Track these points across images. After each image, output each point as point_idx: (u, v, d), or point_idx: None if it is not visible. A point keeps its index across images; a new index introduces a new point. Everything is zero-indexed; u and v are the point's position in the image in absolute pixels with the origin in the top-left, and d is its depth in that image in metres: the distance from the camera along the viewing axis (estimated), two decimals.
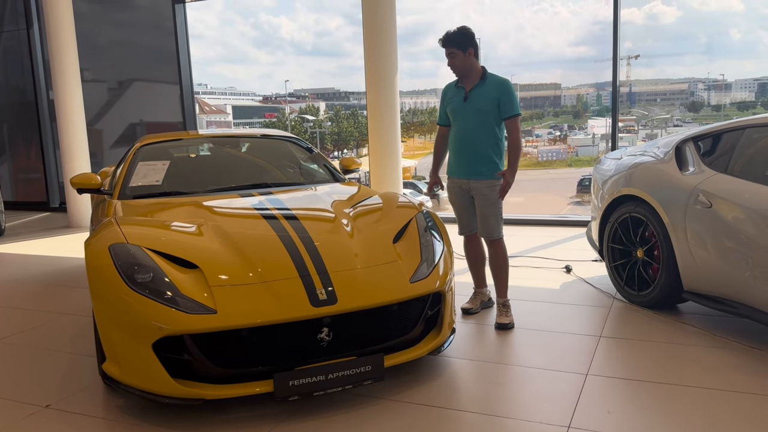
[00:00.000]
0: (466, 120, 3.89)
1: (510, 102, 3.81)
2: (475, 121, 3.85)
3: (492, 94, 3.81)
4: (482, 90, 3.85)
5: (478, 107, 3.84)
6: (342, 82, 59.73)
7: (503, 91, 3.81)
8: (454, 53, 3.84)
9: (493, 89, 3.82)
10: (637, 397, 2.89)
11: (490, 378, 3.17)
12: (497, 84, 3.84)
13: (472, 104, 3.86)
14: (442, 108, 4.10)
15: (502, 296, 3.97)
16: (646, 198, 3.98)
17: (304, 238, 3.10)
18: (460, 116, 3.92)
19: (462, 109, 3.91)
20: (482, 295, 4.22)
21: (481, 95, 3.84)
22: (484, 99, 3.82)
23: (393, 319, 2.98)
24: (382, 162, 7.05)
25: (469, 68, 3.86)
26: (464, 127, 3.91)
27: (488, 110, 3.82)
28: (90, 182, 4.19)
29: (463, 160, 3.94)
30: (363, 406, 2.87)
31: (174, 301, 2.68)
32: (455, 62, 3.85)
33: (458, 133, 3.95)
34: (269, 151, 4.94)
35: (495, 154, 3.87)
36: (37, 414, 2.93)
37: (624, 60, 18.81)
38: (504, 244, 3.97)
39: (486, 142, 3.85)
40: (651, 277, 4.04)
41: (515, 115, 3.83)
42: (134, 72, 9.93)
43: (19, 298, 4.94)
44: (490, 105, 3.81)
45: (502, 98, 3.80)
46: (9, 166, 10.71)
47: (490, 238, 3.93)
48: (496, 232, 3.91)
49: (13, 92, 10.51)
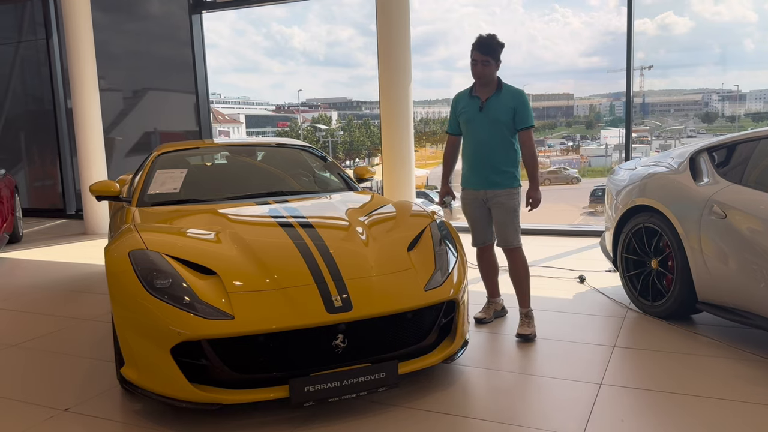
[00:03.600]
0: (482, 130, 3.87)
1: (526, 112, 3.81)
2: (491, 132, 3.83)
3: (508, 104, 3.80)
4: (498, 100, 3.83)
5: (494, 117, 3.82)
6: (354, 92, 59.94)
7: (520, 101, 3.81)
8: (490, 63, 3.79)
9: (510, 99, 3.81)
10: (650, 407, 2.89)
11: (504, 387, 3.18)
12: (513, 94, 3.83)
13: (488, 114, 3.84)
14: (452, 117, 4.08)
15: (524, 306, 3.91)
16: (661, 208, 3.98)
17: (320, 246, 3.14)
18: (474, 126, 3.90)
19: (477, 119, 3.88)
20: (495, 305, 4.21)
21: (498, 105, 3.82)
22: (501, 109, 3.81)
23: (407, 326, 3.01)
24: (395, 171, 7.09)
25: (492, 78, 3.84)
26: (479, 137, 3.88)
27: (504, 120, 3.81)
28: (109, 189, 4.26)
29: (479, 170, 3.91)
30: (377, 413, 2.89)
31: (192, 306, 2.73)
32: (486, 71, 3.80)
33: (473, 143, 3.93)
34: (284, 160, 4.99)
35: (511, 164, 3.86)
36: (56, 417, 2.97)
37: (637, 70, 18.81)
38: (523, 253, 3.94)
39: (502, 153, 3.84)
40: (665, 288, 4.03)
41: (529, 127, 3.83)
42: (149, 81, 10.06)
43: (37, 304, 5.01)
44: (506, 115, 3.80)
45: (518, 108, 3.79)
46: (26, 173, 10.86)
47: (508, 247, 3.90)
48: (515, 240, 3.88)
49: (31, 101, 10.68)
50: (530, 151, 3.85)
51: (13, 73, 10.77)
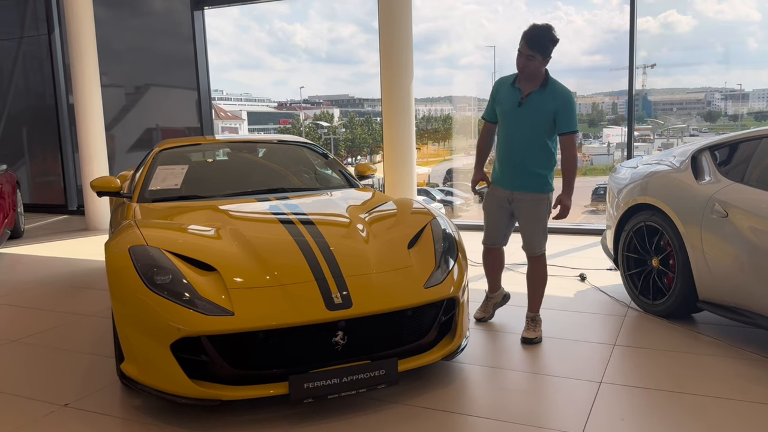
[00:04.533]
0: (518, 127, 3.62)
1: (568, 116, 3.53)
2: (528, 131, 3.59)
3: (550, 104, 3.53)
4: (540, 98, 3.56)
5: (532, 116, 3.57)
6: (356, 89, 59.96)
7: (562, 103, 3.52)
8: (535, 58, 3.49)
9: (552, 99, 3.53)
10: (650, 405, 2.89)
11: (504, 384, 3.18)
12: (558, 94, 3.54)
13: (527, 111, 3.58)
14: (491, 104, 3.79)
15: (533, 310, 3.80)
16: (662, 207, 3.97)
17: (320, 243, 3.13)
18: (511, 121, 3.65)
19: (515, 114, 3.62)
20: (494, 299, 4.14)
21: (538, 104, 3.56)
22: (541, 108, 3.55)
23: (407, 324, 3.01)
24: (397, 169, 7.08)
25: (538, 73, 3.57)
26: (514, 134, 3.65)
27: (543, 121, 3.56)
28: (110, 185, 4.26)
29: (509, 170, 3.71)
30: (376, 410, 2.89)
31: (192, 302, 2.73)
32: (529, 66, 3.51)
33: (507, 139, 3.69)
34: (286, 157, 4.99)
35: (545, 168, 3.62)
36: (56, 412, 2.98)
37: (640, 69, 18.76)
38: (545, 260, 3.78)
39: (536, 154, 3.61)
40: (666, 287, 4.03)
41: (573, 132, 3.57)
42: (151, 77, 10.06)
43: (38, 299, 5.02)
44: (545, 116, 3.54)
45: (559, 111, 3.52)
46: (28, 169, 10.86)
47: (532, 255, 3.76)
48: (539, 248, 3.72)
49: (32, 96, 10.68)
50: (570, 157, 3.58)
51: (16, 68, 10.77)
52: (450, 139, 30.13)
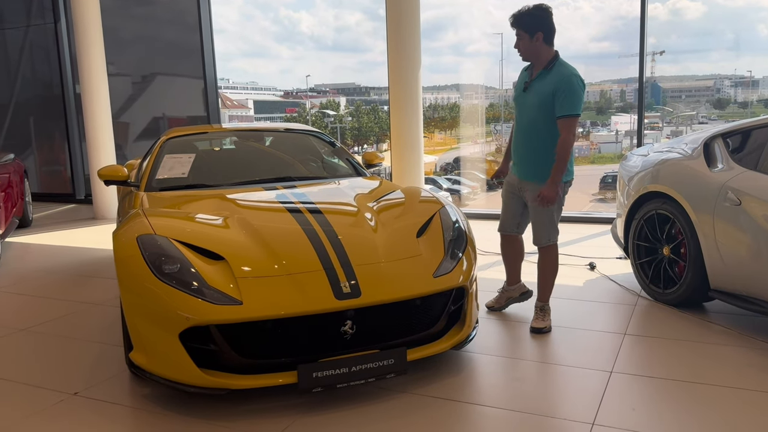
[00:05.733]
0: (525, 113, 3.58)
1: (566, 99, 3.39)
2: (533, 116, 3.53)
3: (549, 88, 3.44)
4: (543, 81, 3.48)
5: (536, 100, 3.50)
6: (362, 78, 59.75)
7: (561, 86, 3.40)
8: (520, 35, 3.47)
9: (552, 82, 3.44)
10: (661, 395, 2.87)
11: (514, 374, 3.16)
12: (558, 77, 3.43)
13: (530, 96, 3.54)
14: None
15: (542, 300, 3.75)
16: (674, 195, 3.93)
17: (328, 232, 3.11)
18: (519, 107, 3.63)
19: (521, 99, 3.60)
20: (511, 292, 4.06)
21: (540, 87, 3.49)
22: (542, 92, 3.47)
23: (416, 313, 2.99)
24: (404, 157, 7.04)
25: (536, 54, 3.49)
26: (522, 120, 3.61)
27: (545, 105, 3.45)
28: (117, 174, 4.25)
29: (518, 157, 3.68)
30: (385, 400, 2.88)
31: (200, 291, 2.71)
32: (520, 45, 3.51)
33: (516, 126, 3.67)
34: (293, 145, 4.97)
35: (547, 158, 3.52)
36: (66, 401, 2.98)
37: (649, 56, 18.59)
38: (555, 250, 3.71)
39: (542, 141, 3.52)
40: (677, 275, 3.99)
41: (569, 116, 3.40)
42: (157, 66, 10.03)
43: (47, 288, 5.03)
44: (546, 100, 3.45)
45: (557, 93, 3.40)
46: (36, 158, 10.88)
47: (538, 245, 3.71)
48: (545, 239, 3.65)
49: (39, 86, 10.67)
50: (562, 142, 3.43)
51: (22, 57, 10.76)
52: (457, 128, 30.00)
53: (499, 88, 29.09)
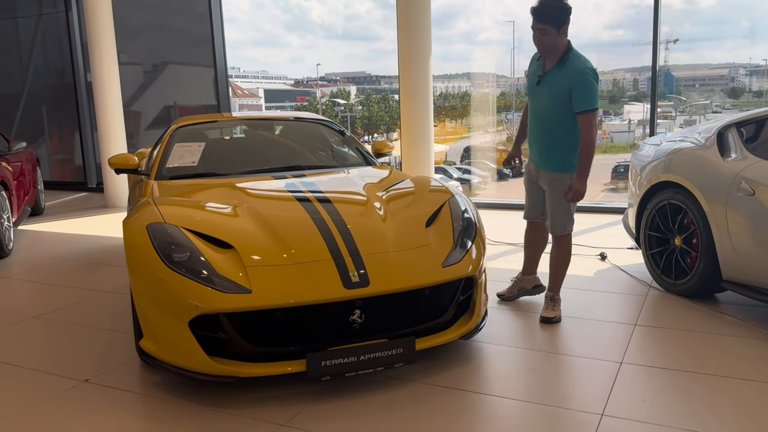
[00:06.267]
0: (539, 104, 3.58)
1: (583, 95, 3.36)
2: (548, 108, 3.53)
3: (564, 83, 3.41)
4: (557, 75, 3.46)
5: (550, 94, 3.49)
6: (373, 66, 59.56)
7: (577, 82, 3.37)
8: (547, 30, 3.38)
9: (566, 77, 3.41)
10: (671, 386, 2.85)
11: (523, 364, 3.15)
12: (573, 72, 3.40)
13: (544, 90, 3.53)
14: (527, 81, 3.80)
15: (552, 290, 3.74)
16: (686, 185, 3.88)
17: (337, 221, 3.11)
18: (533, 98, 3.63)
19: (535, 91, 3.59)
20: (524, 282, 4.03)
21: (555, 81, 3.47)
22: (556, 86, 3.45)
23: (425, 302, 2.98)
24: (414, 146, 7.02)
25: (557, 47, 3.45)
26: (536, 111, 3.61)
27: (560, 99, 3.44)
28: (128, 163, 4.27)
29: (533, 147, 3.69)
30: (394, 389, 2.89)
31: (210, 280, 2.72)
32: (544, 40, 3.43)
33: (531, 116, 3.68)
34: (302, 134, 4.96)
35: (566, 147, 3.51)
36: (77, 387, 3.01)
37: (662, 44, 18.35)
38: (569, 240, 3.70)
39: (556, 133, 3.52)
40: (689, 266, 3.95)
41: (588, 111, 3.38)
42: (168, 55, 10.04)
43: (59, 276, 5.07)
44: (560, 94, 3.43)
45: (573, 90, 3.38)
46: (48, 146, 10.95)
47: (553, 234, 3.70)
48: (559, 228, 3.65)
49: (52, 74, 10.72)
50: (586, 138, 3.41)
51: (34, 46, 10.80)
52: (468, 117, 29.86)
53: (511, 77, 28.89)
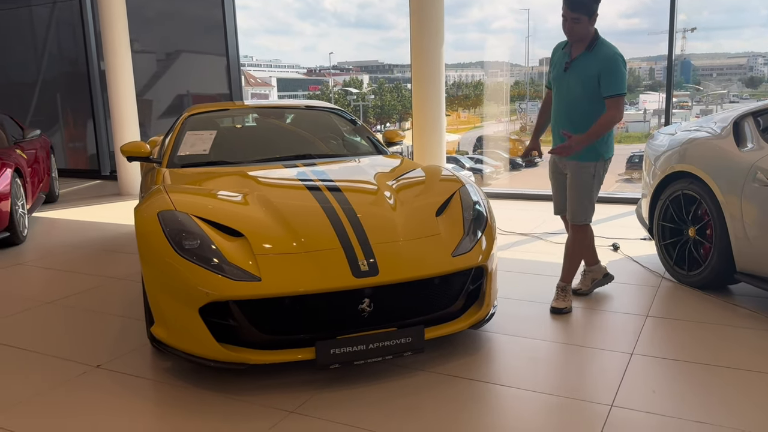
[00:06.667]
0: (566, 92, 3.55)
1: (612, 79, 3.37)
2: (574, 96, 3.51)
3: (593, 69, 3.41)
4: (585, 61, 3.45)
5: (577, 81, 3.48)
6: (386, 55, 59.26)
7: (606, 67, 3.38)
8: (580, 19, 3.37)
9: (596, 63, 3.41)
10: (683, 378, 2.83)
11: (532, 354, 3.14)
12: (602, 58, 3.40)
13: (572, 76, 3.50)
14: (549, 70, 3.72)
15: (564, 280, 3.70)
16: (701, 175, 3.83)
17: (347, 210, 3.10)
18: (559, 87, 3.59)
19: (562, 79, 3.56)
20: (594, 273, 3.95)
21: (583, 68, 3.46)
22: (585, 73, 3.44)
23: (434, 292, 2.98)
24: (426, 135, 6.98)
25: (586, 35, 3.45)
26: (562, 99, 3.58)
27: (588, 85, 3.44)
28: (140, 150, 4.28)
29: (558, 136, 3.64)
30: (402, 377, 2.89)
31: (220, 267, 2.73)
32: (576, 29, 3.41)
33: (556, 105, 3.63)
34: (313, 123, 4.95)
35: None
36: (88, 373, 3.04)
37: (679, 33, 18.06)
38: (587, 231, 3.68)
39: (584, 120, 3.47)
40: (702, 257, 3.91)
41: (617, 95, 3.38)
42: (182, 43, 10.03)
43: (72, 262, 5.12)
44: (590, 80, 3.43)
45: (602, 75, 3.38)
46: (62, 134, 11.02)
47: (573, 222, 3.65)
48: (579, 217, 3.60)
49: (66, 63, 10.77)
50: (609, 117, 3.39)
51: (49, 34, 10.85)
52: (481, 106, 29.67)
53: (525, 66, 28.63)
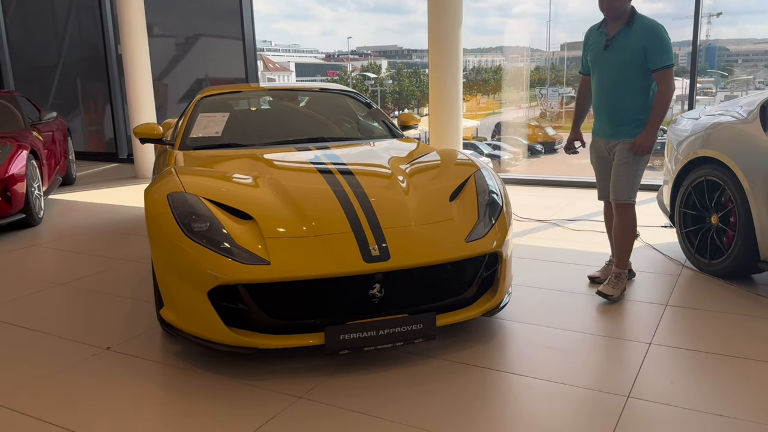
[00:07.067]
0: (608, 71, 3.47)
1: (659, 50, 3.30)
2: (618, 73, 3.42)
3: (637, 42, 3.34)
4: (627, 36, 3.38)
5: (620, 57, 3.40)
6: (405, 40, 58.80)
7: (651, 37, 3.31)
8: None
9: (640, 36, 3.33)
10: (702, 369, 2.74)
11: (547, 343, 3.06)
12: (645, 29, 3.33)
13: (614, 53, 3.42)
14: (584, 55, 3.68)
15: (619, 266, 3.58)
16: (725, 160, 3.71)
17: (359, 193, 3.04)
18: (600, 67, 3.51)
19: (603, 58, 3.48)
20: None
21: (625, 43, 3.38)
22: (628, 47, 3.37)
23: (446, 278, 2.91)
24: (443, 121, 6.88)
25: (624, 11, 3.39)
26: (605, 80, 3.49)
27: (633, 61, 3.36)
28: (152, 132, 4.25)
29: (604, 118, 3.54)
30: (413, 364, 2.84)
31: (229, 251, 2.69)
32: (615, 5, 3.37)
33: (598, 86, 3.54)
34: (327, 106, 4.89)
35: (642, 111, 3.41)
36: (98, 355, 3.03)
37: (704, 17, 17.64)
38: (633, 211, 3.54)
39: (631, 98, 3.42)
40: (725, 245, 3.80)
41: (666, 67, 3.31)
42: (201, 28, 10.01)
43: (86, 244, 5.13)
44: (635, 55, 3.35)
45: (649, 46, 3.31)
46: (82, 118, 11.09)
47: (616, 201, 3.51)
48: (624, 194, 3.48)
49: (86, 47, 10.79)
50: (662, 94, 3.33)
51: (70, 18, 10.88)
52: (500, 92, 29.35)
53: (546, 51, 28.26)
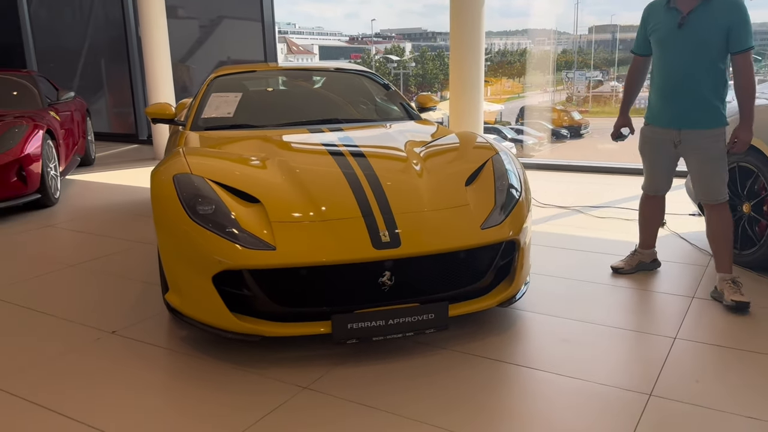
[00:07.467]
0: (681, 53, 3.16)
1: (744, 30, 3.02)
2: (693, 55, 3.13)
3: (720, 20, 3.04)
4: (705, 13, 3.07)
5: (698, 37, 3.10)
6: (429, 22, 58.07)
7: (737, 17, 3.02)
8: None
9: (722, 13, 3.04)
10: (729, 366, 2.59)
11: (565, 336, 2.93)
12: (729, 6, 3.03)
13: (690, 32, 3.11)
14: (641, 34, 3.37)
15: (728, 271, 3.24)
16: (759, 146, 3.51)
17: (370, 176, 2.92)
18: (671, 47, 3.19)
19: (675, 38, 3.16)
20: (642, 256, 3.70)
21: (704, 21, 3.08)
22: (709, 26, 3.07)
23: (460, 266, 2.78)
24: (463, 104, 6.71)
25: None
26: (677, 62, 3.18)
27: (713, 41, 3.08)
28: (164, 112, 4.19)
29: (674, 105, 3.24)
30: (423, 355, 2.73)
31: (234, 235, 2.60)
32: None
33: (668, 69, 3.23)
34: (343, 86, 4.76)
35: (718, 97, 3.16)
36: (103, 339, 2.97)
37: None
38: (728, 208, 3.27)
39: (707, 83, 3.14)
40: (757, 235, 3.61)
41: (747, 49, 3.05)
42: (224, 10, 9.95)
43: (101, 225, 5.10)
44: (717, 35, 3.06)
45: (733, 26, 3.02)
46: (106, 99, 11.14)
47: (715, 201, 3.24)
48: (721, 193, 3.21)
49: (110, 28, 10.78)
50: (747, 80, 3.07)
51: (94, 0, 10.89)
52: (525, 75, 28.87)
53: (573, 34, 27.69)
